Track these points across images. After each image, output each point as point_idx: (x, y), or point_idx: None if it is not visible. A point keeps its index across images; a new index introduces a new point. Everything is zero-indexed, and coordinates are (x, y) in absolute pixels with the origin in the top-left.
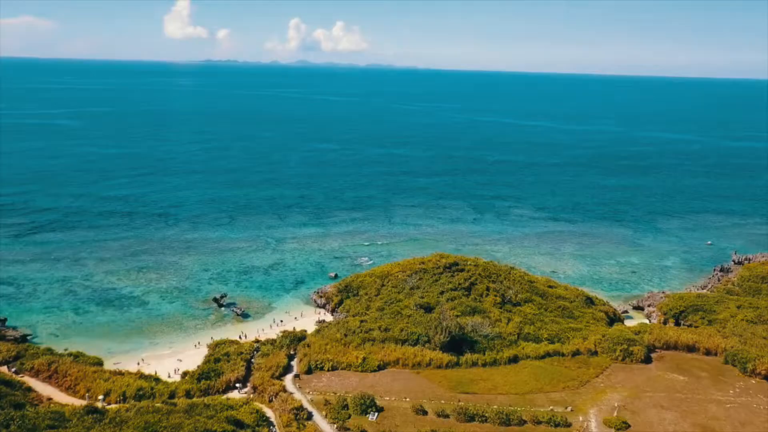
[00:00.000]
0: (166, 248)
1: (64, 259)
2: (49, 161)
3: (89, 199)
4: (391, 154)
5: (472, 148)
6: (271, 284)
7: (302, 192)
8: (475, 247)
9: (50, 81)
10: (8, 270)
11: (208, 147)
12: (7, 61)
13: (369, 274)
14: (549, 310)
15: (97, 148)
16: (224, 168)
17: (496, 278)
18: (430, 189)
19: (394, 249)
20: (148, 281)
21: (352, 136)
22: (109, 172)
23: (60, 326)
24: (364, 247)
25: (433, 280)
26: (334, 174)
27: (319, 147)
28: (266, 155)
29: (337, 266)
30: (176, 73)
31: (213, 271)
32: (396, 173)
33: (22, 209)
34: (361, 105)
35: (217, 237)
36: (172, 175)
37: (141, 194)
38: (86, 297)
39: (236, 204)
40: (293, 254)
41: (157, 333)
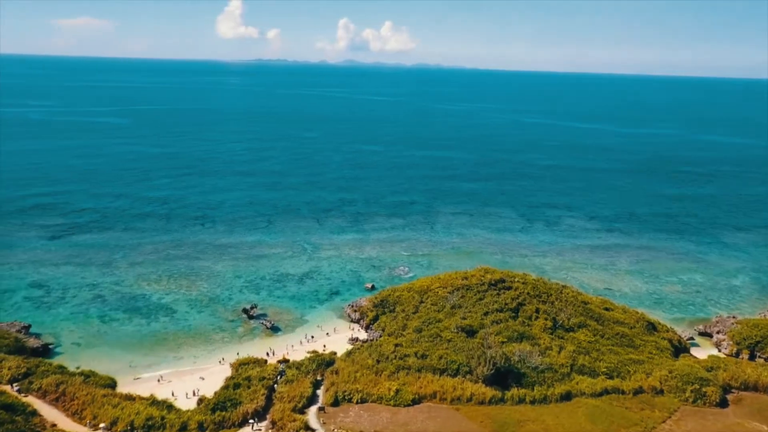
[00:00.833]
0: (200, 252)
1: (97, 261)
2: (92, 160)
3: (128, 199)
4: (434, 157)
5: (519, 150)
6: (305, 294)
7: (342, 195)
8: (523, 259)
9: (103, 79)
10: (41, 272)
11: (250, 147)
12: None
13: (407, 289)
14: (606, 337)
15: (141, 147)
16: (265, 169)
17: (546, 298)
18: (474, 194)
19: (435, 259)
20: (179, 288)
21: (395, 138)
22: (150, 172)
23: (84, 334)
24: (403, 256)
25: (476, 299)
26: (375, 177)
27: (362, 148)
28: (308, 156)
29: (375, 276)
30: (226, 72)
31: (245, 278)
32: (439, 177)
33: (61, 209)
34: (407, 105)
35: (253, 241)
36: (212, 176)
37: (180, 195)
38: (114, 303)
39: (275, 206)
40: (329, 262)
41: (182, 346)
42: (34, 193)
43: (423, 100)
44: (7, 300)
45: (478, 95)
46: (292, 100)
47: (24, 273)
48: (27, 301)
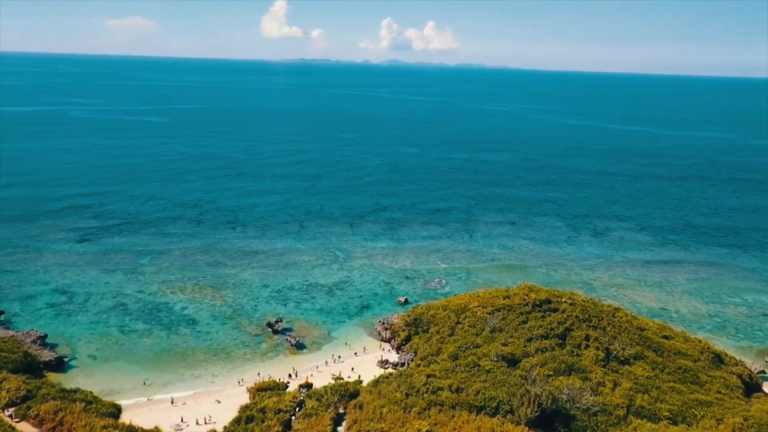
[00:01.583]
0: (228, 258)
1: (124, 266)
2: (128, 160)
3: (162, 201)
4: (475, 160)
5: (563, 154)
6: (333, 307)
7: (378, 200)
8: (569, 273)
9: (149, 78)
10: (66, 276)
11: (288, 148)
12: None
13: (443, 306)
14: (667, 371)
15: (179, 147)
16: (301, 170)
17: (597, 323)
18: (517, 201)
19: (474, 272)
20: (203, 296)
21: (435, 139)
22: (185, 173)
23: (101, 346)
24: (439, 267)
25: (519, 322)
26: (413, 180)
27: (401, 150)
28: (345, 158)
29: (408, 289)
30: (270, 72)
31: (273, 288)
32: (480, 182)
33: (94, 210)
34: (448, 106)
35: (283, 247)
36: (247, 178)
37: (213, 197)
38: (136, 312)
39: (308, 210)
40: (361, 271)
41: (200, 362)
42: (69, 194)
43: (465, 101)
44: (29, 305)
45: (522, 96)
46: (333, 99)
47: (49, 277)
48: (48, 308)
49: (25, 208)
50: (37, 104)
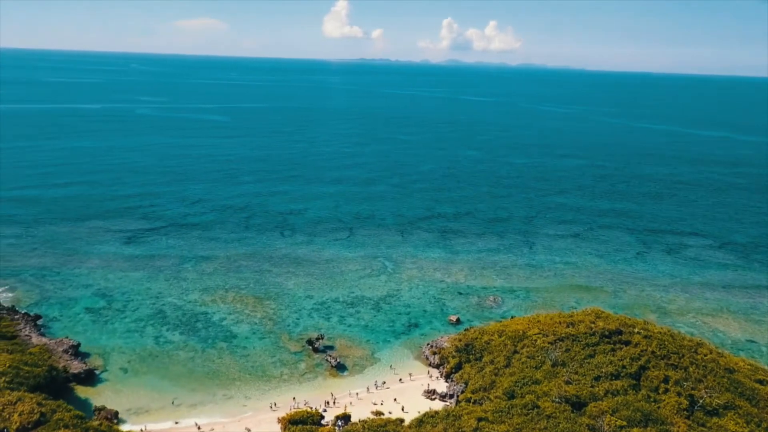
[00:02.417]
0: (273, 265)
1: (166, 270)
2: (184, 159)
3: (211, 203)
4: (537, 165)
5: (632, 161)
6: (379, 324)
7: (432, 206)
8: (639, 295)
9: (212, 77)
10: (108, 279)
11: (343, 149)
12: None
13: (498, 332)
14: (764, 426)
15: (235, 146)
16: (354, 172)
17: (677, 361)
18: (582, 211)
19: (534, 290)
20: (244, 306)
21: (495, 142)
22: (238, 174)
23: (134, 358)
24: (495, 283)
25: (585, 355)
26: (470, 185)
27: (459, 153)
28: (401, 160)
29: (461, 306)
30: (330, 71)
31: (317, 299)
32: (542, 189)
33: (143, 210)
34: (509, 107)
35: (330, 255)
36: (300, 180)
37: (264, 199)
38: (173, 321)
39: (358, 215)
40: (410, 284)
41: (234, 381)
42: (121, 194)
43: (526, 102)
44: (69, 309)
45: (585, 97)
46: (391, 99)
47: (92, 279)
48: (87, 313)
49: (79, 207)
50: (106, 101)
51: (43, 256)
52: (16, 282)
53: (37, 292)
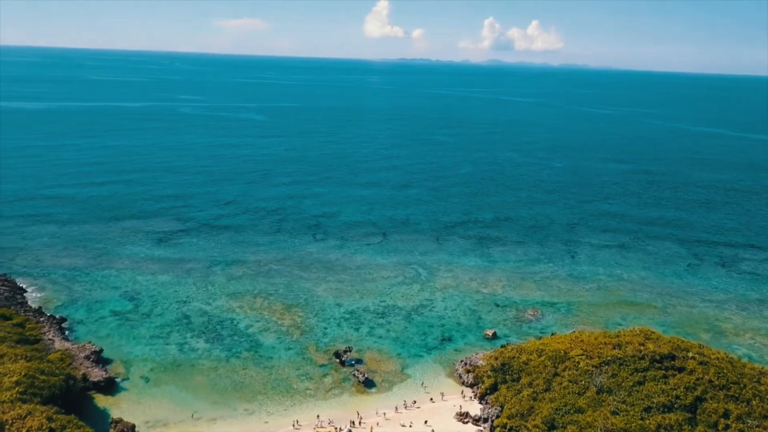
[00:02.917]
0: (304, 269)
1: (195, 273)
2: (218, 159)
3: (244, 204)
4: (580, 169)
5: (684, 167)
6: (411, 337)
7: (469, 210)
8: (690, 311)
9: (253, 76)
10: (136, 281)
11: (380, 150)
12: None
13: (538, 351)
14: None
15: (271, 147)
16: (390, 174)
17: (738, 392)
18: (627, 218)
19: (576, 304)
20: (271, 313)
21: (536, 145)
22: (273, 175)
23: (157, 366)
24: (535, 294)
25: (633, 382)
26: (510, 188)
27: (498, 155)
28: (438, 162)
29: (497, 319)
30: (370, 71)
31: (346, 308)
32: (585, 194)
33: (176, 211)
34: (551, 108)
35: (362, 260)
36: (335, 181)
37: (297, 202)
38: (199, 327)
39: (393, 218)
40: (444, 294)
41: (257, 395)
42: (155, 194)
43: (568, 103)
44: (95, 312)
45: (630, 98)
46: (430, 100)
47: (121, 281)
48: (113, 317)
49: (113, 207)
50: (149, 100)
51: (74, 256)
52: (46, 282)
53: (65, 293)
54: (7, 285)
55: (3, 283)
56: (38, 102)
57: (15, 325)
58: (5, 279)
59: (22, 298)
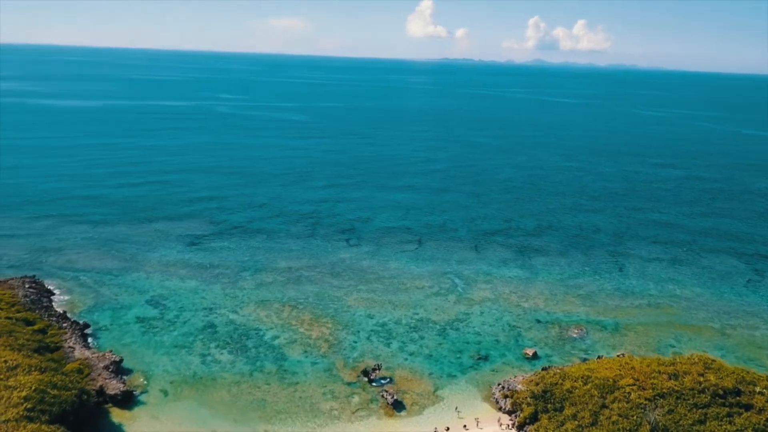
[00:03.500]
0: (335, 276)
1: (224, 278)
2: (254, 161)
3: (278, 206)
4: (627, 174)
5: (738, 173)
6: (445, 355)
7: (510, 216)
8: (753, 334)
9: (296, 75)
10: (164, 285)
11: (418, 152)
12: (267, 57)
13: (583, 377)
14: None
15: (309, 148)
16: (429, 177)
17: None
18: (679, 228)
19: (624, 323)
20: (299, 324)
21: (582, 146)
22: (309, 177)
23: (177, 378)
24: (579, 310)
25: (693, 420)
26: (552, 193)
27: (541, 158)
28: (478, 164)
29: (539, 337)
30: (412, 71)
31: (378, 320)
32: (634, 201)
33: (209, 213)
34: (598, 109)
35: (396, 268)
36: (372, 183)
37: (332, 205)
38: (224, 337)
39: (429, 224)
40: (482, 308)
41: (278, 414)
42: (191, 196)
43: (616, 104)
44: (120, 318)
45: (682, 99)
46: (472, 100)
47: (148, 285)
48: (137, 323)
49: (147, 208)
50: (189, 99)
51: (105, 258)
52: (74, 284)
53: (92, 297)
54: (34, 287)
55: (31, 285)
56: (84, 100)
57: (37, 331)
58: (33, 281)
59: (48, 302)
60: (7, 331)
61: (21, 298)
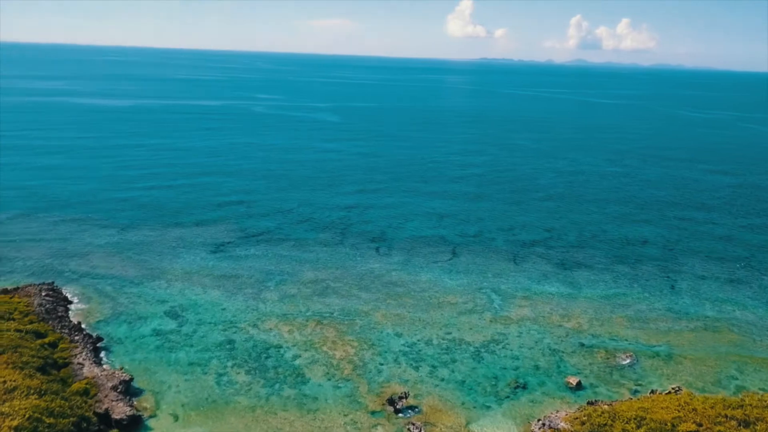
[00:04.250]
0: (363, 289)
1: (246, 289)
2: (285, 164)
3: (306, 212)
4: (676, 180)
5: None
6: (479, 381)
7: (550, 224)
8: None
9: (334, 75)
10: (185, 295)
11: (454, 157)
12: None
13: (636, 418)
14: None
15: (340, 151)
16: (464, 181)
17: None
18: (736, 242)
19: (678, 348)
20: (322, 341)
21: (625, 149)
22: (339, 181)
23: (189, 401)
24: (627, 333)
25: None
26: (594, 200)
27: (583, 162)
28: (516, 168)
29: (582, 363)
30: (449, 71)
31: (406, 339)
32: (683, 210)
33: (237, 217)
34: (642, 110)
35: (428, 280)
36: (403, 189)
37: (362, 211)
38: (242, 355)
39: (464, 232)
40: (520, 328)
41: None
42: (219, 200)
43: (662, 106)
44: (136, 330)
45: (733, 101)
46: (511, 100)
47: (168, 294)
48: (153, 336)
49: (174, 212)
50: (226, 98)
51: (126, 264)
52: (93, 292)
53: (109, 306)
54: (51, 295)
55: (48, 292)
56: (123, 100)
57: (47, 344)
58: (51, 288)
59: (63, 311)
60: (13, 346)
61: (36, 307)
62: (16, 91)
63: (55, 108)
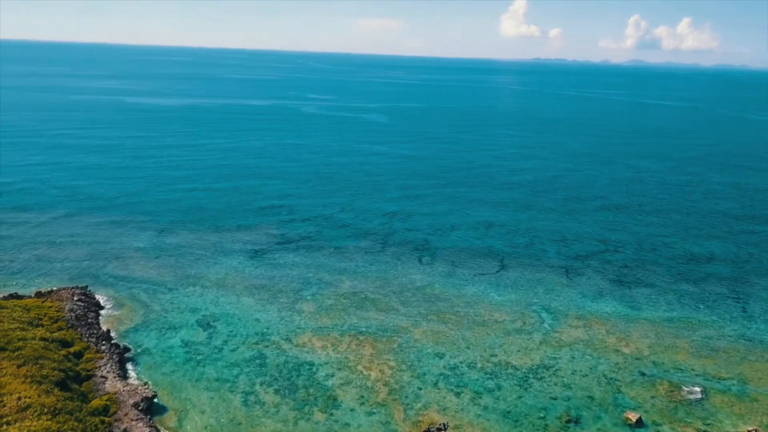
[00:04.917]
0: (403, 302)
1: (282, 298)
2: (330, 167)
3: (349, 217)
4: (742, 189)
5: None
6: (526, 413)
7: (606, 236)
8: None
9: (383, 76)
10: (218, 303)
11: (502, 162)
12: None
13: None
14: None
15: (387, 153)
16: (513, 186)
17: None
18: None
19: (753, 380)
20: (357, 359)
21: (686, 156)
22: (384, 185)
23: (213, 422)
24: (693, 363)
25: None
26: (654, 210)
27: (641, 167)
28: (570, 173)
29: (643, 396)
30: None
31: (447, 361)
32: (752, 222)
33: (277, 222)
34: (705, 113)
35: (473, 294)
36: (449, 195)
37: (406, 218)
38: (272, 372)
39: (513, 242)
40: (573, 352)
41: None
42: (260, 204)
43: (727, 108)
44: (165, 340)
45: None
46: (564, 101)
47: (201, 302)
48: (182, 347)
49: (213, 216)
50: (277, 98)
51: (162, 269)
52: (126, 298)
53: (141, 313)
54: (83, 300)
55: (80, 297)
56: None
57: (72, 354)
58: (84, 292)
59: (94, 317)
60: (35, 357)
61: (67, 312)
62: (69, 89)
63: (110, 108)
